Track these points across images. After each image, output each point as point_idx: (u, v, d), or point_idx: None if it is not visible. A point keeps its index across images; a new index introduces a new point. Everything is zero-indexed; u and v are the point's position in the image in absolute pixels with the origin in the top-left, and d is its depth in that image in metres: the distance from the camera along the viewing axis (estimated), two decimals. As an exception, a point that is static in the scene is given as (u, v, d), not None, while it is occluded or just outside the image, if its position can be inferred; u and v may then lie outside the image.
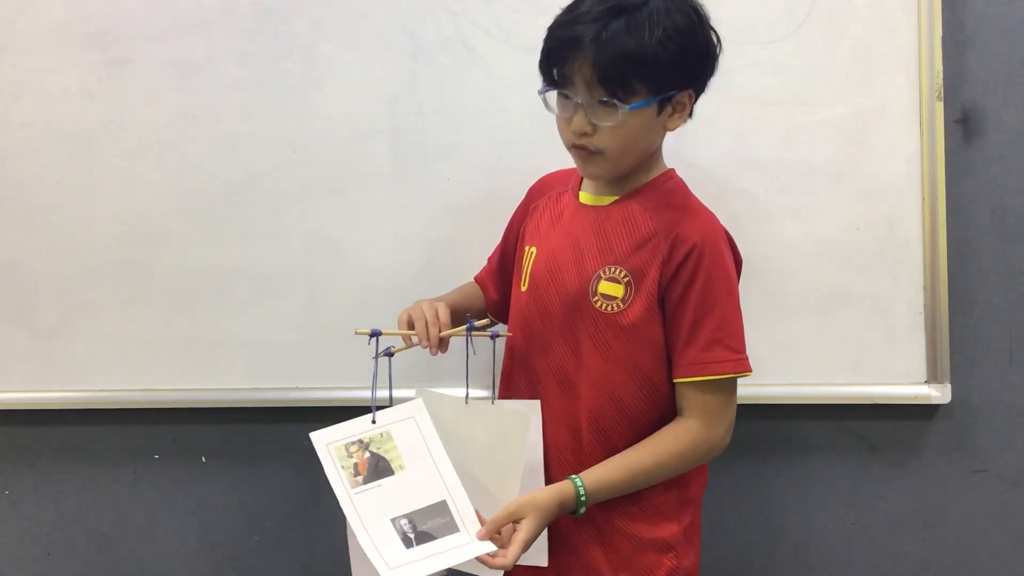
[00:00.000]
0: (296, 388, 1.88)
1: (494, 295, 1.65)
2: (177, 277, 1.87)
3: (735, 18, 1.72)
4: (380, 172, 1.84)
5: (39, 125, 1.87)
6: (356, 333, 1.41)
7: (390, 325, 1.77)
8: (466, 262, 1.73)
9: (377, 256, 1.85)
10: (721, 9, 1.41)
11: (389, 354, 1.40)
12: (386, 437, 1.38)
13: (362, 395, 1.82)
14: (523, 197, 1.62)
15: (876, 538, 1.89)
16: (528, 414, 1.39)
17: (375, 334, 1.40)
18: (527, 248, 1.53)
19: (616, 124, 1.35)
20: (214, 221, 1.86)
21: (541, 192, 1.59)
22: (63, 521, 2.01)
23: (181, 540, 1.99)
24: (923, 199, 1.77)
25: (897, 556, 1.89)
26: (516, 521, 1.32)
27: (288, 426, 1.92)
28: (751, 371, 1.41)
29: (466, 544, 1.30)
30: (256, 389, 1.89)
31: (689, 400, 1.42)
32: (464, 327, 1.41)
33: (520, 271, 1.53)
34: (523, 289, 1.51)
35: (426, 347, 1.42)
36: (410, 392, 1.46)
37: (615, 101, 1.33)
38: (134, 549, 2.00)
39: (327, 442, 1.37)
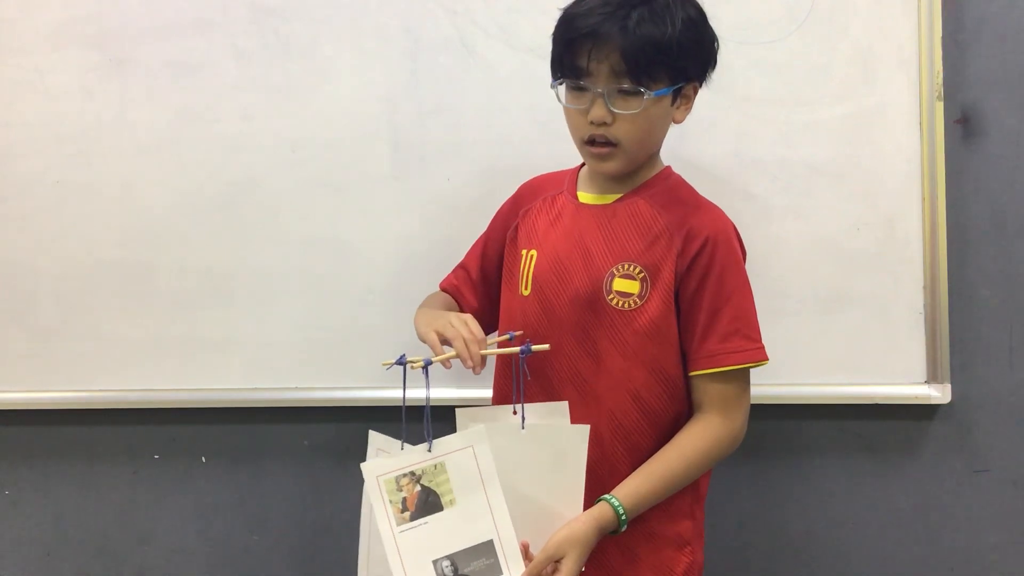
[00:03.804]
0: (296, 388, 1.88)
1: (475, 303, 1.58)
2: (177, 277, 1.87)
3: (735, 18, 1.73)
4: (380, 172, 1.84)
5: (39, 125, 1.87)
6: (412, 368, 1.33)
7: (389, 324, 1.80)
8: (466, 262, 1.72)
9: (377, 256, 1.85)
10: (721, 9, 1.42)
11: (403, 363, 1.34)
12: (440, 469, 1.32)
13: (361, 395, 1.85)
14: (506, 201, 1.60)
15: (876, 538, 1.89)
16: (585, 429, 1.34)
17: (427, 363, 1.32)
18: (524, 251, 1.50)
19: (638, 112, 1.35)
20: (214, 221, 1.86)
21: (532, 195, 1.56)
22: (63, 521, 2.01)
23: (181, 540, 1.99)
24: (923, 199, 1.77)
25: (897, 556, 1.89)
26: (557, 560, 1.30)
27: (288, 426, 1.93)
28: (768, 359, 1.41)
29: None
30: (256, 389, 1.89)
31: (708, 393, 1.41)
32: (515, 348, 1.35)
33: (517, 275, 1.50)
34: (525, 293, 1.48)
35: (470, 366, 1.34)
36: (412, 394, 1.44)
37: (640, 88, 1.34)
38: (134, 549, 2.00)
39: (378, 474, 1.30)
